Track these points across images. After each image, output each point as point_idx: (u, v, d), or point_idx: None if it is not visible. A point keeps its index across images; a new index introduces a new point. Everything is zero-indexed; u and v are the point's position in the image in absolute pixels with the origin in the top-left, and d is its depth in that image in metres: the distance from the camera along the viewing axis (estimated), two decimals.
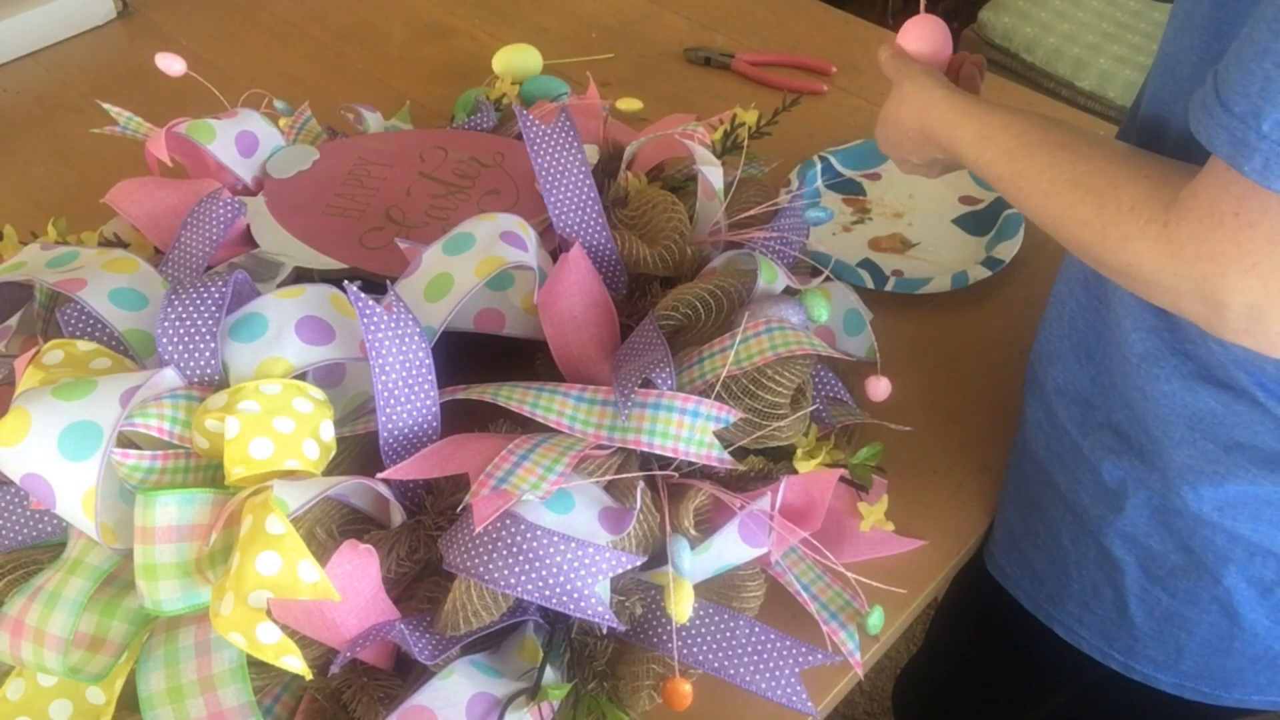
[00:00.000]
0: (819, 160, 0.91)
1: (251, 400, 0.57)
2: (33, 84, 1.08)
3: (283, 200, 0.79)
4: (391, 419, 0.60)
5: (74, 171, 0.95)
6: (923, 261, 0.85)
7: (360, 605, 0.54)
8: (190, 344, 0.59)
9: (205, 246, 0.72)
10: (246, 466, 0.55)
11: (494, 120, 0.89)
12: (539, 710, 0.54)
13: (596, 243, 0.71)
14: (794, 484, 0.62)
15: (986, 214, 0.88)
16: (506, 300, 0.70)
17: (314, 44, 1.13)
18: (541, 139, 0.71)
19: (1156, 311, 0.55)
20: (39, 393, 0.55)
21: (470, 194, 0.79)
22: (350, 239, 0.76)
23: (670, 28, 1.12)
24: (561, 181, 0.71)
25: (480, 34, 1.12)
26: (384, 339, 0.59)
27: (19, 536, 0.60)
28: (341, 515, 0.59)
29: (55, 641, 0.53)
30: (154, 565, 0.53)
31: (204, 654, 0.54)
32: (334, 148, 0.85)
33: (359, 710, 0.54)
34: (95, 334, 0.63)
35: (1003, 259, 0.82)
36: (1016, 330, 0.79)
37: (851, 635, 0.61)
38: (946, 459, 0.72)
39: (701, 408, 0.60)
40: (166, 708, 0.53)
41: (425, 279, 0.65)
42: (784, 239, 0.74)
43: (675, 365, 0.63)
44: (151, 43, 1.12)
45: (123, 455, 0.56)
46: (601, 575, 0.54)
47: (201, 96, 0.89)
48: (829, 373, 0.71)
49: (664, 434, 0.59)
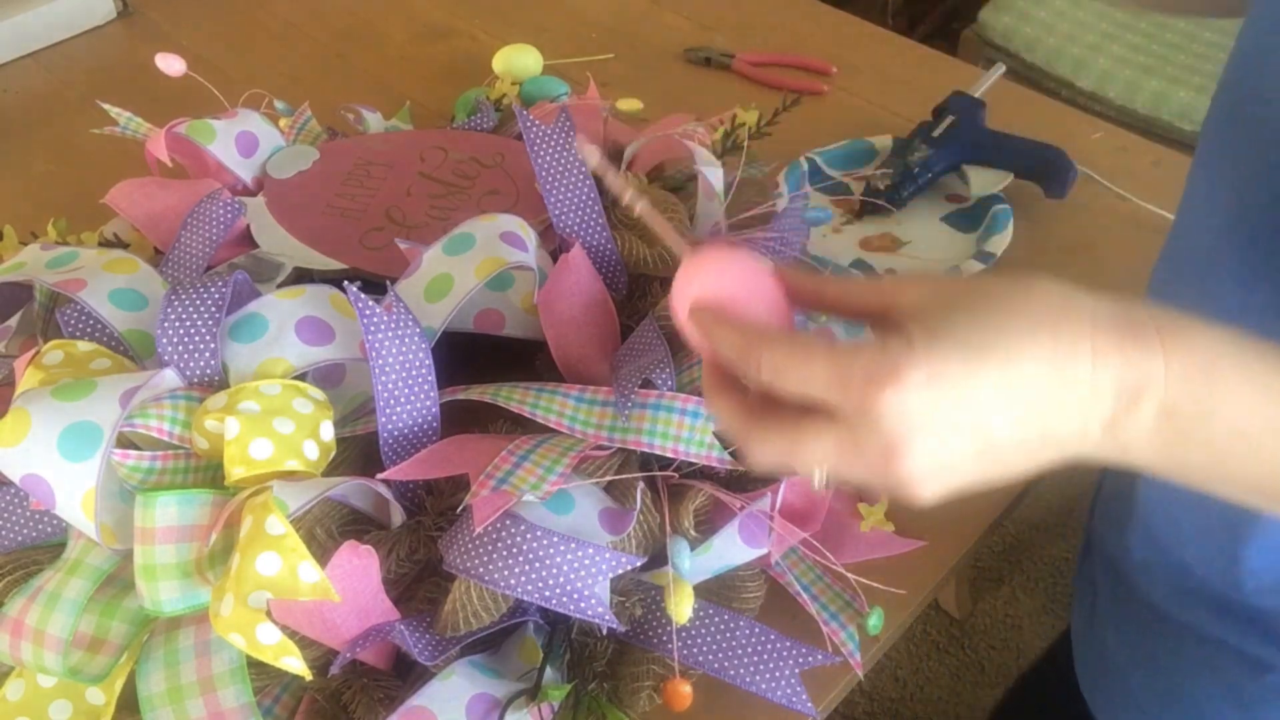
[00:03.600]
0: (805, 162, 0.91)
1: (251, 401, 0.57)
2: (33, 84, 1.07)
3: (283, 200, 0.79)
4: (391, 419, 0.59)
5: (74, 171, 0.95)
6: (915, 259, 0.85)
7: (360, 606, 0.54)
8: (190, 344, 0.59)
9: (205, 247, 0.72)
10: (246, 467, 0.55)
11: (494, 120, 0.89)
12: (539, 711, 0.54)
13: (596, 243, 0.71)
14: (794, 484, 0.62)
15: (975, 211, 0.88)
16: (506, 300, 0.69)
17: (314, 44, 1.13)
18: (541, 139, 0.71)
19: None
20: (39, 393, 0.55)
21: (470, 194, 0.79)
22: (350, 239, 0.76)
23: (670, 28, 1.12)
24: (561, 181, 0.71)
25: (480, 34, 1.12)
26: (384, 339, 0.59)
27: (19, 537, 0.60)
28: (341, 516, 0.59)
29: (55, 642, 0.53)
30: (154, 566, 0.53)
31: (204, 655, 0.54)
32: (334, 148, 0.85)
33: (359, 711, 0.54)
34: (95, 334, 0.63)
35: (994, 253, 0.82)
36: None
37: (851, 636, 0.61)
38: None
39: (701, 408, 0.60)
40: (166, 708, 0.53)
41: (425, 279, 0.65)
42: (784, 239, 0.74)
43: (675, 365, 0.63)
44: (151, 43, 1.12)
45: (122, 456, 0.56)
46: (602, 576, 0.54)
47: (201, 96, 0.89)
48: None
49: (664, 434, 0.59)
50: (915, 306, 0.36)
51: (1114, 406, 0.35)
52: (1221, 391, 0.34)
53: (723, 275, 0.38)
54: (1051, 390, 0.34)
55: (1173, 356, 0.34)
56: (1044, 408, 0.35)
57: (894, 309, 0.37)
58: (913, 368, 0.34)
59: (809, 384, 0.35)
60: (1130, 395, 0.34)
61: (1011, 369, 0.34)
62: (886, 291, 0.38)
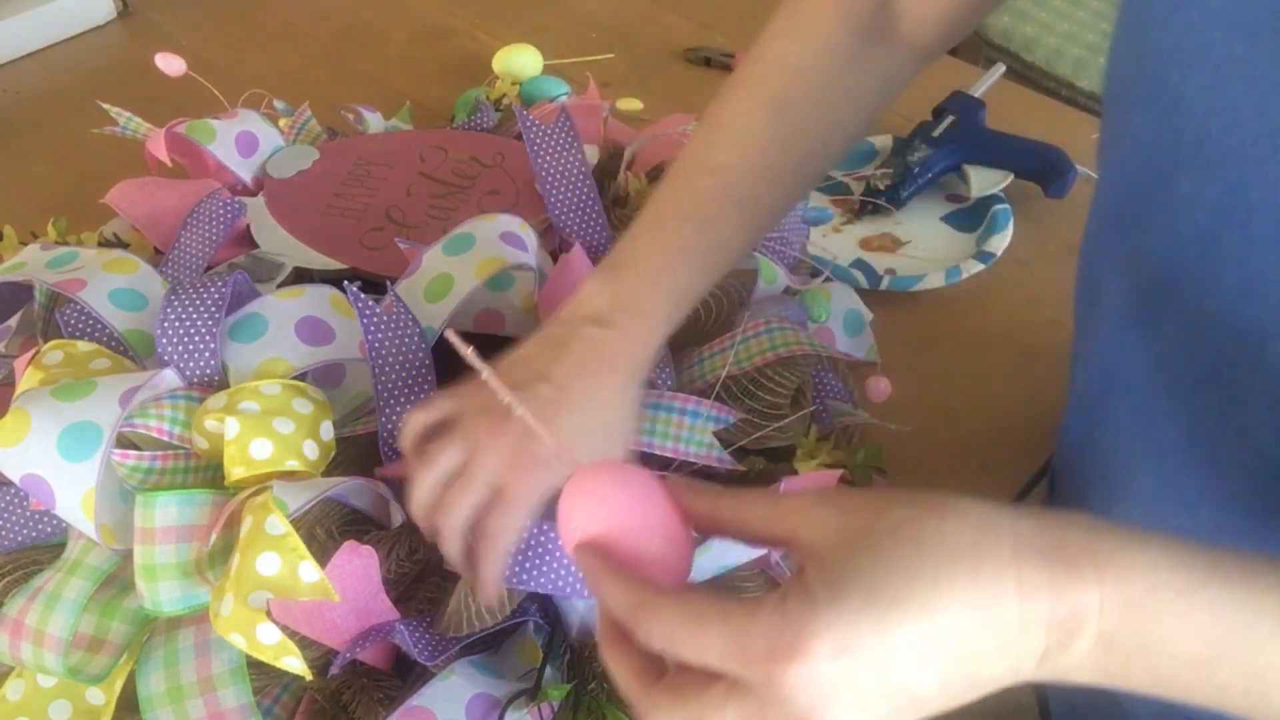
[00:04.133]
0: None
1: (251, 401, 0.57)
2: (33, 84, 1.07)
3: (283, 200, 0.79)
4: (391, 419, 0.59)
5: (74, 171, 0.95)
6: (915, 259, 0.85)
7: (360, 606, 0.54)
8: (190, 344, 0.59)
9: (205, 246, 0.72)
10: (246, 467, 0.55)
11: (494, 120, 0.89)
12: (539, 711, 0.54)
13: (596, 243, 0.71)
14: (794, 484, 0.62)
15: (975, 211, 0.88)
16: (506, 300, 0.69)
17: (314, 44, 1.13)
18: (541, 139, 0.71)
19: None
20: (39, 393, 0.55)
21: (470, 194, 0.79)
22: (350, 239, 0.76)
23: (670, 28, 1.12)
24: (561, 181, 0.71)
25: (480, 34, 1.12)
26: (384, 339, 0.59)
27: (19, 537, 0.60)
28: (341, 515, 0.59)
29: (55, 642, 0.53)
30: (153, 566, 0.53)
31: (203, 655, 0.54)
32: (334, 148, 0.85)
33: (359, 711, 0.54)
34: (95, 334, 0.63)
35: (994, 252, 0.82)
36: (1016, 330, 0.79)
37: None
38: (946, 459, 0.72)
39: (701, 408, 0.60)
40: (166, 708, 0.53)
41: (425, 279, 0.65)
42: (784, 239, 0.74)
43: (675, 365, 0.63)
44: (151, 43, 1.12)
45: (122, 456, 0.56)
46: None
47: (201, 96, 0.89)
48: (829, 373, 0.71)
49: (664, 434, 0.59)
50: (816, 545, 0.33)
51: (1046, 641, 0.31)
52: (1166, 620, 0.31)
53: (609, 500, 0.34)
54: (976, 636, 0.31)
55: (1108, 585, 0.31)
56: (969, 655, 0.31)
57: (794, 543, 0.34)
58: (817, 636, 0.30)
59: (704, 654, 0.32)
60: (1064, 629, 0.31)
61: (929, 620, 0.31)
62: (786, 519, 0.34)
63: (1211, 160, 0.39)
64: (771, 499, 0.35)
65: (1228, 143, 0.38)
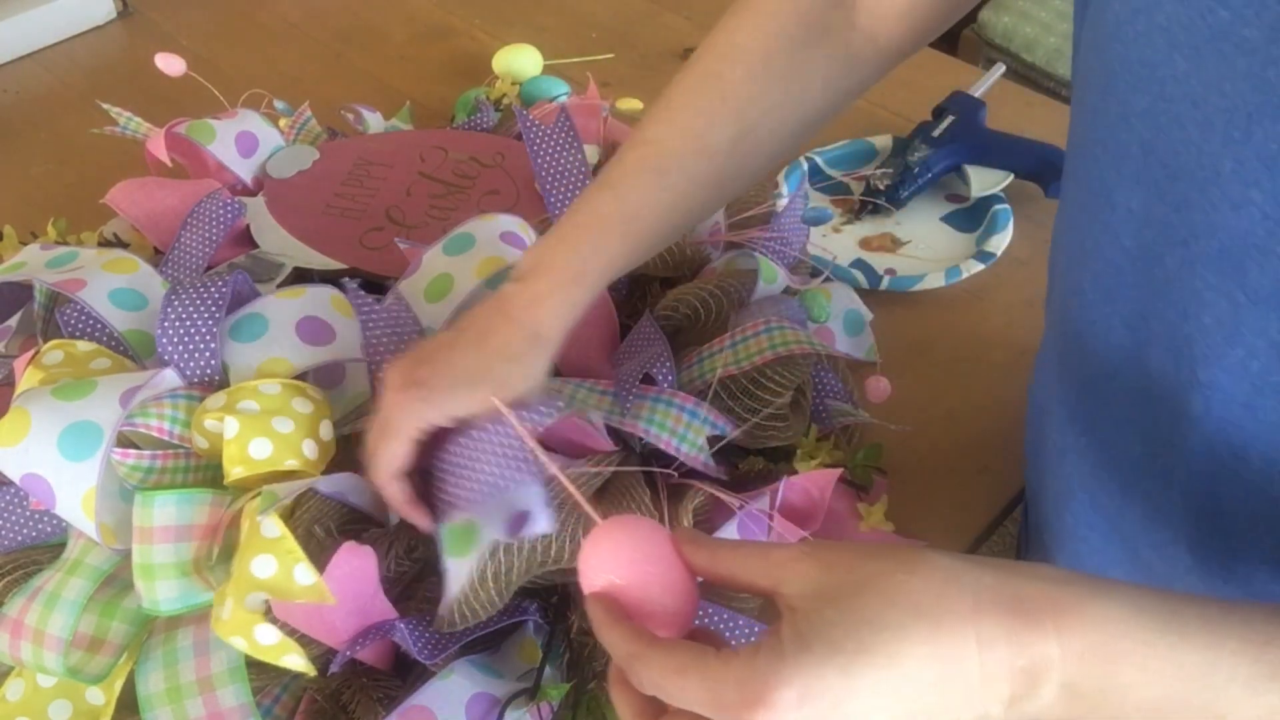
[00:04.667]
0: (805, 161, 0.91)
1: (251, 400, 0.57)
2: (33, 84, 1.07)
3: (283, 200, 0.79)
4: None
5: (74, 171, 0.95)
6: (915, 259, 0.85)
7: (359, 606, 0.54)
8: (190, 344, 0.59)
9: (205, 246, 0.72)
10: (246, 467, 0.55)
11: (494, 120, 0.89)
12: (538, 710, 0.54)
13: None
14: (794, 484, 0.62)
15: (975, 211, 0.88)
16: None
17: (314, 44, 1.13)
18: (541, 139, 0.71)
19: None
20: (39, 393, 0.55)
21: (470, 194, 0.79)
22: (350, 239, 0.76)
23: (670, 28, 1.12)
24: (561, 181, 0.71)
25: (480, 34, 1.12)
26: (383, 338, 0.59)
27: (19, 537, 0.60)
28: (340, 514, 0.59)
29: (55, 642, 0.53)
30: (152, 565, 0.53)
31: (202, 654, 0.54)
32: (334, 148, 0.85)
33: (359, 711, 0.54)
34: (95, 334, 0.63)
35: (994, 252, 0.82)
36: (1016, 330, 0.79)
37: None
38: (946, 459, 0.72)
39: (700, 410, 0.60)
40: (165, 708, 0.53)
41: (425, 279, 0.65)
42: (784, 239, 0.74)
43: (675, 364, 0.63)
44: (151, 43, 1.12)
45: (122, 455, 0.56)
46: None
47: (201, 96, 0.89)
48: (829, 373, 0.71)
49: (661, 425, 0.59)
50: (794, 600, 0.34)
51: (1012, 687, 0.33)
52: (1126, 669, 0.32)
53: (618, 554, 0.38)
54: (938, 687, 0.33)
55: (1068, 636, 0.32)
56: (932, 705, 0.33)
57: (778, 592, 0.35)
58: (784, 686, 0.32)
59: (686, 701, 0.34)
60: (1027, 677, 0.33)
61: (891, 671, 0.32)
62: (774, 570, 0.36)
63: (1159, 178, 0.39)
64: (763, 551, 0.37)
65: (1174, 164, 0.38)
